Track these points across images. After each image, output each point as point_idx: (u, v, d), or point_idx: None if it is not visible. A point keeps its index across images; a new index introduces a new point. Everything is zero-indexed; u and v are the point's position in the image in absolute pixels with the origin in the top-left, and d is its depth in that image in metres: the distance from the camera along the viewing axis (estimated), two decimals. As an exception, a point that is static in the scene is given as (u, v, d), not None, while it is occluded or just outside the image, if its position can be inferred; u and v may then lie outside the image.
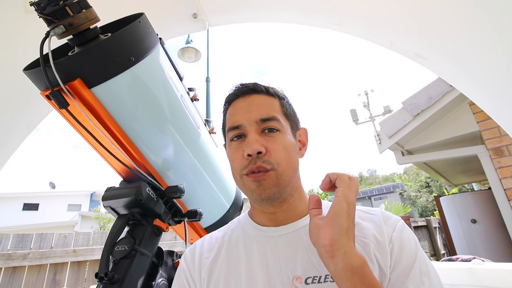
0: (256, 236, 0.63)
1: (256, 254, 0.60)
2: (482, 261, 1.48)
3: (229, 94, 0.67)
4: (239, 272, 0.58)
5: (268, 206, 0.61)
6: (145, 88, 0.73)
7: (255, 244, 0.61)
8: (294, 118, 0.67)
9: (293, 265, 0.55)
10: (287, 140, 0.61)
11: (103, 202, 0.78)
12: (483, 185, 6.85)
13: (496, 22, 0.96)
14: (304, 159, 0.70)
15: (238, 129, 0.61)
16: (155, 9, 1.41)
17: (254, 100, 0.63)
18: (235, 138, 0.62)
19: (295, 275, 0.54)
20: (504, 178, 3.04)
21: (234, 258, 0.61)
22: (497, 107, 1.23)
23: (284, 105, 0.65)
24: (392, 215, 0.61)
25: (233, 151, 0.61)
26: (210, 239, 0.70)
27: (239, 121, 0.61)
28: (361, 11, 1.30)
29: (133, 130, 0.74)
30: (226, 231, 0.70)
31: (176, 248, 2.94)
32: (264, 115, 0.60)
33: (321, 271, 0.53)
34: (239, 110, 0.63)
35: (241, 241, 0.64)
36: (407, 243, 0.55)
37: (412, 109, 3.74)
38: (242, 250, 0.62)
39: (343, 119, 78.48)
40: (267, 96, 0.64)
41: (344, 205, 0.46)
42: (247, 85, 0.65)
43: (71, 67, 0.61)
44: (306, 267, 0.54)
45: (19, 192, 16.79)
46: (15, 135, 1.44)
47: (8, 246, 2.08)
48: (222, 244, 0.66)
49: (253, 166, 0.57)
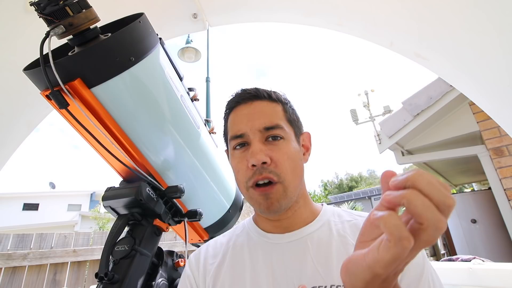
0: (261, 243, 0.62)
1: (261, 261, 0.59)
2: (482, 261, 1.48)
3: (230, 100, 0.66)
4: (244, 279, 0.58)
5: (274, 215, 0.61)
6: (145, 88, 0.73)
7: (260, 251, 0.61)
8: (297, 123, 0.66)
9: (299, 274, 0.54)
10: (291, 148, 0.60)
11: (103, 202, 0.78)
12: (483, 185, 6.86)
13: (496, 22, 0.96)
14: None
15: (241, 137, 0.60)
16: (155, 9, 1.41)
17: (256, 107, 0.62)
18: (238, 147, 0.61)
19: (300, 284, 0.53)
20: (504, 178, 3.04)
21: (239, 265, 0.60)
22: (497, 107, 1.23)
23: (287, 111, 0.64)
24: None
25: (237, 161, 0.60)
26: (215, 244, 0.69)
27: (242, 129, 0.60)
28: (361, 11, 1.30)
29: (133, 130, 0.74)
30: (231, 237, 0.69)
31: (176, 248, 2.94)
32: (268, 123, 0.59)
33: (327, 281, 0.52)
34: (241, 118, 0.61)
35: (246, 247, 0.63)
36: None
37: (412, 109, 3.74)
38: (247, 257, 0.61)
39: (343, 119, 78.57)
40: (270, 102, 0.63)
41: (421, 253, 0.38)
42: (249, 91, 0.64)
43: (71, 67, 0.61)
44: (311, 276, 0.53)
45: (19, 192, 16.79)
46: (15, 135, 1.44)
47: (8, 246, 2.08)
48: (227, 250, 0.65)
49: (259, 176, 0.56)
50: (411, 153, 4.41)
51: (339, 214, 0.65)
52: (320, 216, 0.63)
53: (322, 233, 0.60)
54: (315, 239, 0.59)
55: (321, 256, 0.55)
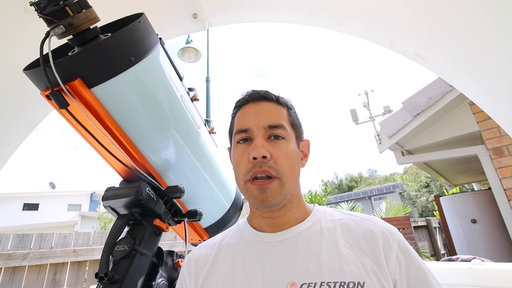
0: (252, 242, 0.64)
1: (253, 259, 0.60)
2: (482, 261, 1.48)
3: (240, 99, 0.69)
4: (234, 278, 0.59)
5: (268, 211, 0.62)
6: (145, 88, 0.73)
7: (252, 250, 0.62)
8: (299, 128, 0.69)
9: (289, 271, 0.55)
10: (291, 149, 0.62)
11: (103, 202, 0.78)
12: (483, 185, 6.85)
13: (497, 22, 0.96)
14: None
15: (245, 132, 0.63)
16: (155, 9, 1.41)
17: (264, 106, 0.65)
18: (241, 141, 0.64)
19: (290, 281, 0.54)
20: (504, 178, 3.04)
21: (231, 263, 0.62)
22: (497, 107, 1.23)
23: (291, 115, 0.67)
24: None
25: (239, 154, 0.63)
26: (208, 244, 0.71)
27: (247, 124, 0.63)
28: (361, 11, 1.30)
29: (133, 130, 0.74)
30: (224, 236, 0.71)
31: (176, 248, 2.94)
32: (272, 122, 0.62)
33: (317, 278, 0.53)
34: (248, 115, 0.65)
35: (238, 246, 0.65)
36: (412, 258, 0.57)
37: (412, 109, 3.74)
38: (239, 255, 0.63)
39: (343, 119, 78.50)
40: (277, 105, 0.66)
41: None
42: (258, 92, 0.68)
43: (71, 67, 0.61)
44: (302, 273, 0.54)
45: (19, 192, 16.79)
46: (15, 135, 1.44)
47: (8, 246, 2.08)
48: (219, 249, 0.67)
49: (258, 169, 0.58)
50: (411, 153, 4.41)
51: (330, 213, 0.67)
52: (311, 216, 0.65)
53: (312, 231, 0.61)
54: (306, 238, 0.60)
55: (311, 254, 0.57)
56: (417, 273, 0.55)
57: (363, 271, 0.52)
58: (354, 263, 0.53)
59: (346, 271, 0.52)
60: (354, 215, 0.65)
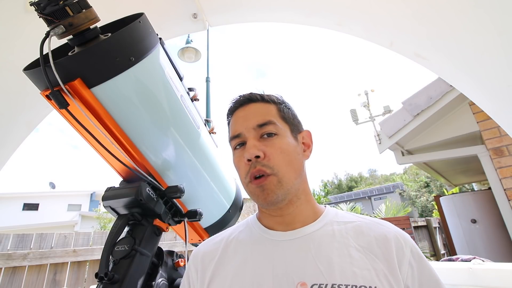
0: (262, 239, 0.63)
1: (263, 257, 0.60)
2: (482, 261, 1.48)
3: (229, 107, 0.71)
4: (244, 274, 0.58)
5: (275, 209, 0.62)
6: (145, 88, 0.73)
7: (262, 247, 0.62)
8: (293, 121, 0.68)
9: (300, 271, 0.55)
10: (286, 143, 0.62)
11: (103, 202, 0.78)
12: (483, 185, 6.85)
13: (497, 22, 0.96)
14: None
15: (238, 137, 0.64)
16: (155, 9, 1.41)
17: (250, 108, 0.66)
18: (238, 147, 0.65)
19: (300, 281, 0.53)
20: (504, 178, 3.04)
21: (240, 259, 0.61)
22: (497, 107, 1.23)
23: (281, 110, 0.67)
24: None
25: (237, 160, 0.64)
26: (214, 239, 0.71)
27: (238, 129, 0.64)
28: (361, 11, 1.30)
29: (133, 130, 0.74)
30: (232, 232, 0.70)
31: (176, 248, 2.94)
32: (260, 120, 0.63)
33: (328, 280, 0.52)
34: (238, 120, 0.66)
35: (248, 243, 0.64)
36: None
37: (412, 109, 3.74)
38: (249, 251, 0.62)
39: (343, 119, 78.50)
40: (263, 103, 0.67)
41: None
42: (244, 95, 0.69)
43: (71, 67, 0.61)
44: (313, 274, 0.54)
45: (19, 192, 16.78)
46: (15, 135, 1.44)
47: (8, 246, 2.08)
48: (227, 245, 0.66)
49: (253, 170, 0.59)
50: (411, 153, 4.41)
51: (342, 215, 0.66)
52: (322, 217, 0.64)
53: (323, 233, 0.61)
54: (317, 239, 0.59)
55: (322, 255, 0.56)
56: (430, 280, 0.55)
57: (375, 275, 0.52)
58: (365, 267, 0.53)
59: (358, 275, 0.52)
60: (366, 219, 0.65)
